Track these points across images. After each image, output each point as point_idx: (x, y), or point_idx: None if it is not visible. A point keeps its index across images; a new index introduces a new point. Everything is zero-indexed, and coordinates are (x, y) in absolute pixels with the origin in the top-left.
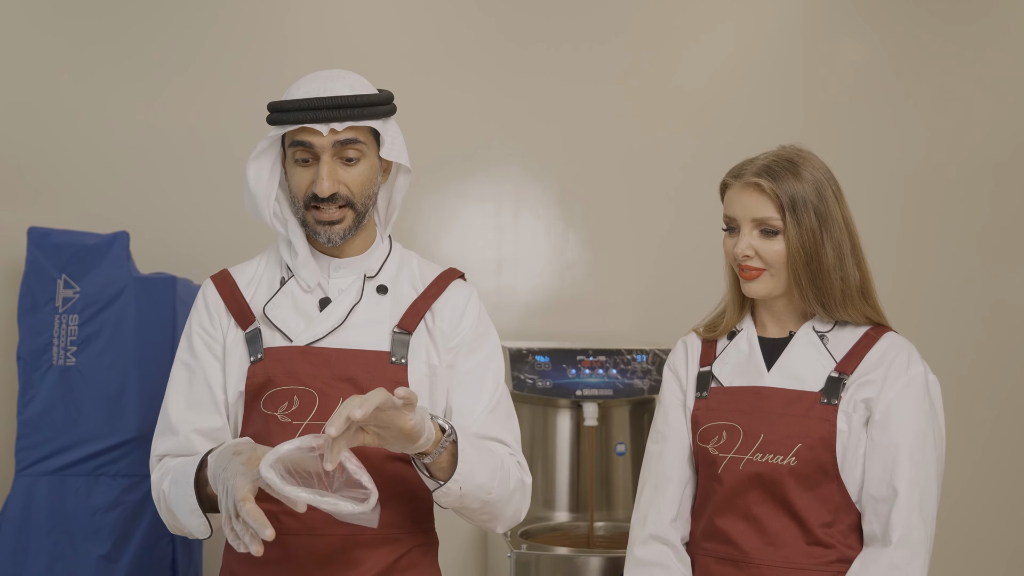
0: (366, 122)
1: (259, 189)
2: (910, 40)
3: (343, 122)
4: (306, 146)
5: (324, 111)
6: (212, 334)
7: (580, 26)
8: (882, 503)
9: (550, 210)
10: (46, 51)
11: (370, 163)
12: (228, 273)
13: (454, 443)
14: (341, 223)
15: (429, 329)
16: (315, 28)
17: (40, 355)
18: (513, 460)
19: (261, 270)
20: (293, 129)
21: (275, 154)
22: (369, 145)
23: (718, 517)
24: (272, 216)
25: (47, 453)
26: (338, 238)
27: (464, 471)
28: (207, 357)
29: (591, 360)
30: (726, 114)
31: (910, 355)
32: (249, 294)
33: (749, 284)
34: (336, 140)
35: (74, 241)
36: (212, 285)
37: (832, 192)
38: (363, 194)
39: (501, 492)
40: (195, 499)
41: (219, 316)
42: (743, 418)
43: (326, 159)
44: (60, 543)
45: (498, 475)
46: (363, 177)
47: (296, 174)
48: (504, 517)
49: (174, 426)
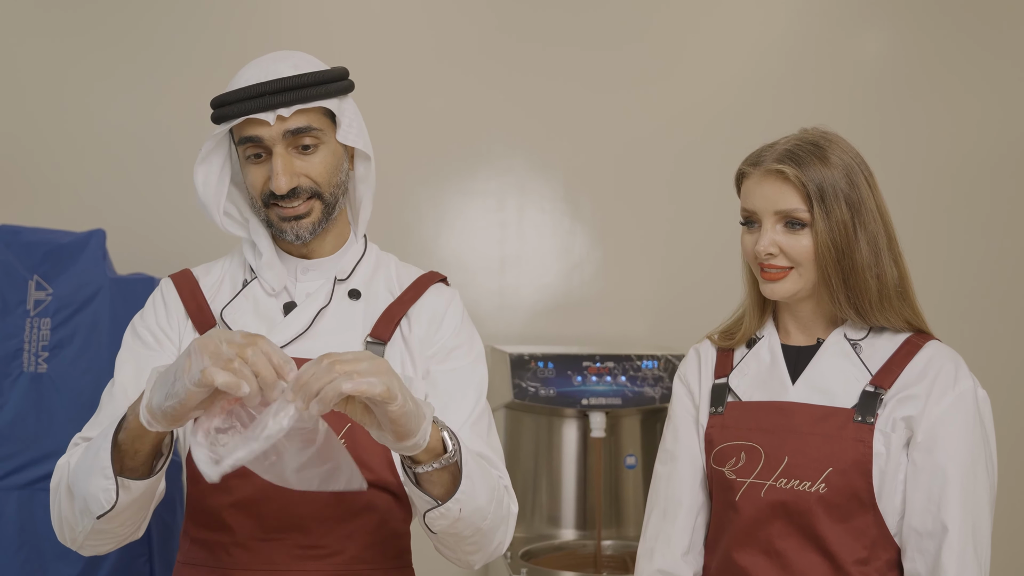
0: (317, 103)
1: (207, 195)
2: (934, 29)
3: (290, 106)
4: (255, 140)
5: (267, 97)
6: (167, 333)
7: (590, 16)
8: (928, 538)
9: (556, 205)
10: (19, 45)
11: (331, 148)
12: (190, 272)
13: (456, 460)
14: (309, 216)
15: (405, 337)
16: (297, 20)
17: (10, 361)
18: (502, 483)
19: (225, 271)
20: (238, 123)
21: (224, 154)
22: (326, 130)
23: (736, 551)
24: (224, 219)
25: (17, 466)
26: (307, 233)
27: (467, 489)
28: (158, 351)
29: (598, 367)
30: (736, 108)
31: (957, 367)
32: (210, 297)
33: (772, 285)
34: (286, 129)
35: (47, 240)
36: (171, 283)
37: (864, 178)
38: (330, 182)
39: (495, 519)
40: (108, 456)
41: (176, 316)
42: (764, 438)
43: (279, 151)
44: (30, 562)
45: (495, 498)
46: (324, 164)
47: (250, 172)
48: (488, 550)
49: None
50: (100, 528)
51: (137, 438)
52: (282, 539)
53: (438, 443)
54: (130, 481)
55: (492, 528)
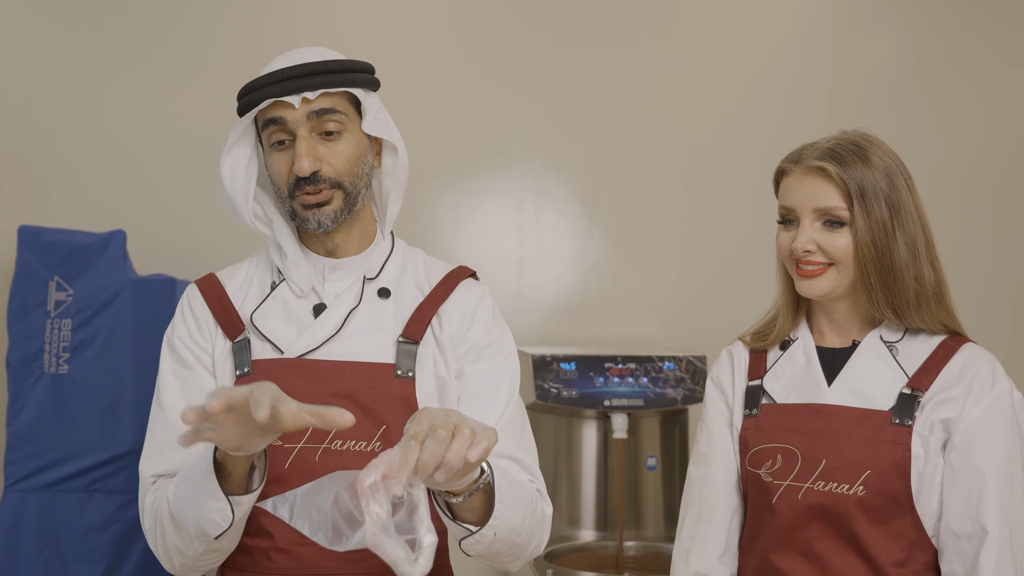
0: (342, 88)
1: (235, 188)
2: (949, 30)
3: (315, 90)
4: (279, 123)
5: (292, 81)
6: (203, 345)
7: (607, 17)
8: (966, 541)
9: (574, 207)
10: (41, 44)
11: (354, 138)
12: (215, 277)
13: (488, 483)
14: (330, 204)
15: (436, 336)
16: (314, 19)
17: (31, 362)
18: (534, 487)
19: (252, 273)
20: (264, 107)
21: (250, 147)
22: (351, 117)
23: (773, 554)
24: (253, 218)
25: (37, 467)
26: (329, 221)
27: (501, 514)
28: (200, 369)
29: (620, 368)
30: (752, 109)
31: (994, 370)
32: (238, 301)
33: (809, 282)
34: (311, 110)
35: (67, 240)
36: (197, 290)
37: (904, 180)
38: (350, 172)
39: (530, 531)
40: (215, 481)
41: (207, 325)
42: (801, 440)
43: (303, 134)
44: (51, 565)
45: (529, 512)
46: (347, 153)
47: (275, 160)
48: (524, 555)
49: (174, 432)
50: (213, 548)
51: (229, 461)
52: None
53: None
54: (240, 497)
55: (528, 540)
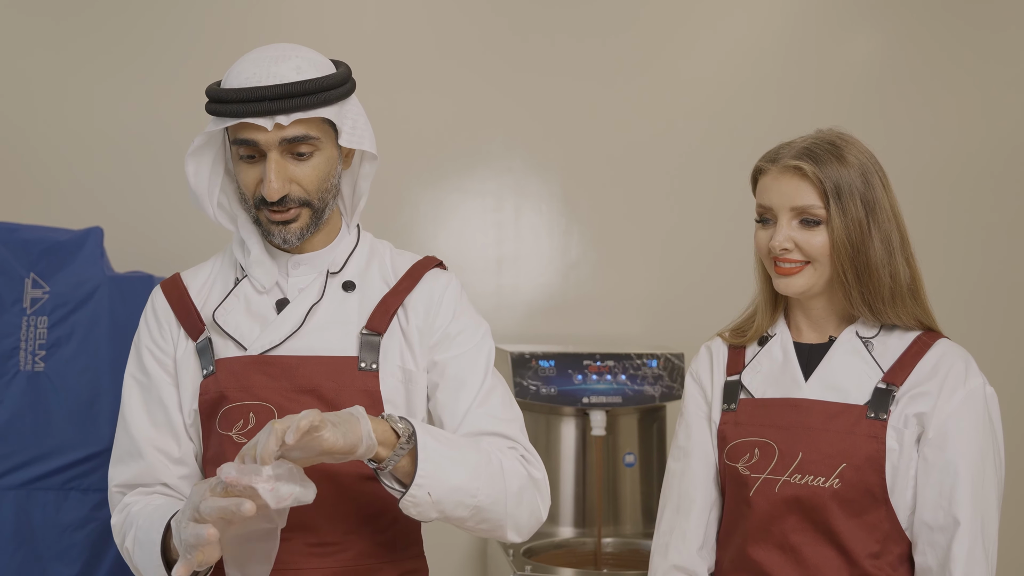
0: (316, 112)
1: (200, 187)
2: (927, 32)
3: (289, 114)
4: (249, 144)
5: (266, 103)
6: (163, 348)
7: (586, 15)
8: (939, 532)
9: (553, 206)
10: (17, 40)
11: (326, 155)
12: (179, 278)
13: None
14: (296, 222)
15: (403, 328)
16: (296, 16)
17: (6, 360)
18: (514, 454)
19: (216, 271)
20: (233, 124)
21: (217, 145)
22: (324, 136)
23: (750, 546)
24: (216, 212)
25: (13, 465)
26: (295, 238)
27: (428, 471)
28: (159, 375)
29: (599, 365)
30: (733, 108)
31: (967, 365)
32: (201, 300)
33: (786, 280)
34: (283, 137)
35: (44, 237)
36: (161, 292)
37: (879, 179)
38: (319, 189)
39: (494, 493)
40: (160, 559)
41: (168, 327)
42: (778, 434)
43: (273, 156)
44: (26, 563)
45: (483, 473)
46: (318, 172)
47: (242, 171)
48: (514, 521)
49: (139, 448)
50: None
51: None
52: (290, 538)
53: (391, 435)
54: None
55: (497, 502)
